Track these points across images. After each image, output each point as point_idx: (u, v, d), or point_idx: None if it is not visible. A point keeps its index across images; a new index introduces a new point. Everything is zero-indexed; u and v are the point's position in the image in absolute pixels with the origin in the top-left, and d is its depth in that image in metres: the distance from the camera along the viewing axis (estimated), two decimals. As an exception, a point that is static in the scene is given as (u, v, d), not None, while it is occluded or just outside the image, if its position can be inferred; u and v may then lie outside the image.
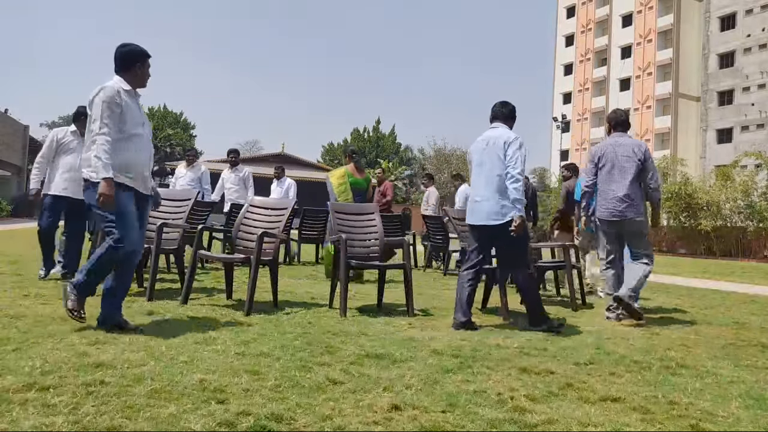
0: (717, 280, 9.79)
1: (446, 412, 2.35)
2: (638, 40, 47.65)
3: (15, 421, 2.02)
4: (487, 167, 4.37)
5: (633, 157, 4.96)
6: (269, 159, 36.02)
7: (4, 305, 4.17)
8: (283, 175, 10.26)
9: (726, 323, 5.04)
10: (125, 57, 3.76)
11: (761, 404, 2.67)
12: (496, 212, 4.28)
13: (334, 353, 3.25)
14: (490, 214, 4.31)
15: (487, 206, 4.32)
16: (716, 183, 19.72)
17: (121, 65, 3.77)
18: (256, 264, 4.49)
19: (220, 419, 2.13)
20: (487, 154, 4.38)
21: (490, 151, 4.37)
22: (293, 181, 10.22)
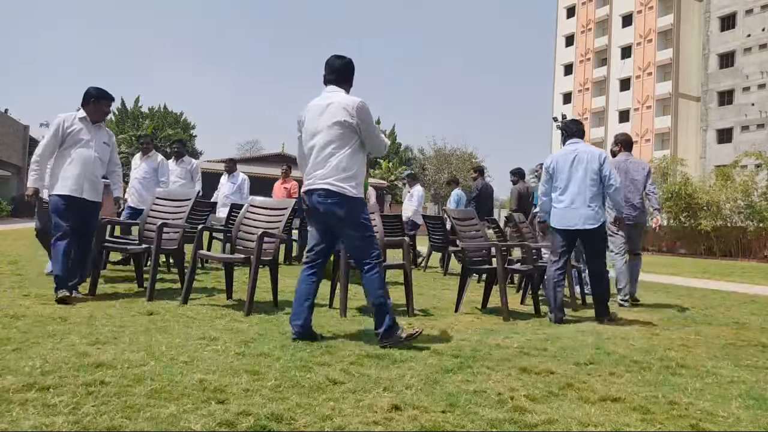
0: (717, 280, 9.79)
1: (446, 412, 2.35)
2: (638, 40, 47.64)
3: (15, 421, 2.02)
4: (579, 177, 4.85)
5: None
6: (269, 159, 35.99)
7: (4, 305, 4.17)
8: (234, 170, 9.62)
9: (726, 323, 5.04)
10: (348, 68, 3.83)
11: (761, 404, 2.67)
12: (592, 217, 4.80)
13: (334, 353, 3.25)
14: (587, 219, 4.80)
15: (585, 212, 4.82)
16: (716, 183, 19.70)
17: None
18: (256, 264, 4.49)
19: (220, 419, 2.13)
20: (580, 167, 4.88)
21: (583, 164, 4.87)
22: (246, 176, 9.69)
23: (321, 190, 3.52)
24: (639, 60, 47.44)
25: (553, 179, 5.03)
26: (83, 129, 4.86)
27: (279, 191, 10.02)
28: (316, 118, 3.61)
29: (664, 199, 19.65)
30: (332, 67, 3.76)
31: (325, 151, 3.55)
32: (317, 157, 3.57)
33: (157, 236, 4.95)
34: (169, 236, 5.30)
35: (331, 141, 3.54)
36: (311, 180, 3.59)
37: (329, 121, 3.55)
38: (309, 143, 3.63)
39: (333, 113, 3.55)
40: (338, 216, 3.52)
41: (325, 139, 3.55)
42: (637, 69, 47.44)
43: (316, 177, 3.56)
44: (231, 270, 5.24)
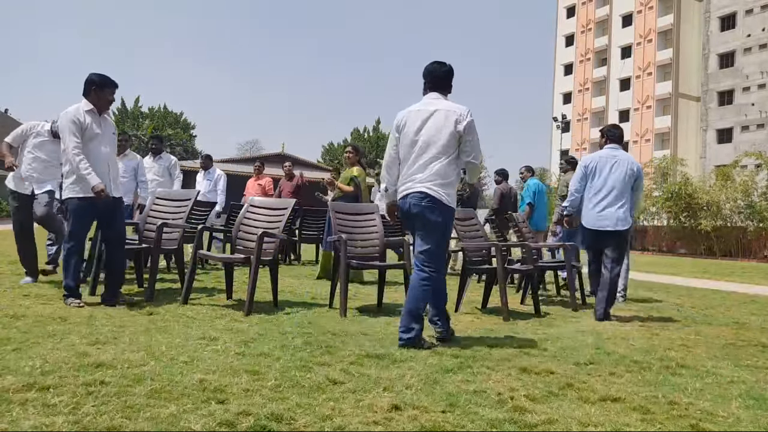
0: (717, 280, 9.79)
1: (446, 412, 2.35)
2: (638, 40, 47.63)
3: (15, 421, 2.02)
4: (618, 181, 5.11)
5: None
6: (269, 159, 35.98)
7: (4, 305, 4.17)
8: (210, 165, 9.32)
9: (726, 323, 5.04)
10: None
11: (761, 404, 2.67)
12: (624, 219, 5.08)
13: (334, 353, 3.25)
14: (619, 221, 5.08)
15: (618, 214, 5.07)
16: (716, 183, 19.70)
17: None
18: (256, 264, 4.49)
19: (220, 419, 2.13)
20: (618, 171, 5.12)
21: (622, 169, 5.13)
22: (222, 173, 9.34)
23: (418, 193, 3.56)
24: (639, 60, 47.43)
25: (590, 179, 5.22)
26: (92, 122, 4.46)
27: (253, 188, 9.85)
28: (419, 124, 3.64)
29: (664, 199, 19.65)
30: (434, 75, 3.80)
31: (426, 157, 3.59)
32: (416, 162, 3.61)
33: (157, 236, 4.95)
34: (169, 236, 5.30)
35: (434, 147, 3.58)
36: (409, 184, 3.63)
37: (435, 127, 3.60)
38: (409, 148, 3.65)
39: (440, 120, 3.60)
40: (428, 219, 3.55)
41: (429, 144, 3.60)
42: (637, 69, 47.43)
43: (415, 181, 3.60)
44: (231, 270, 5.24)
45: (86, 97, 4.51)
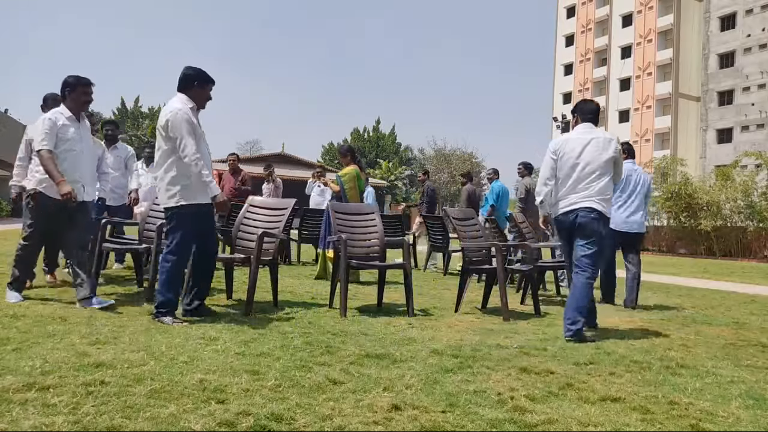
0: (717, 280, 9.79)
1: (446, 412, 2.35)
2: (638, 40, 47.63)
3: (15, 421, 2.02)
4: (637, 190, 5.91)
5: None
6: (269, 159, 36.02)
7: (4, 305, 4.17)
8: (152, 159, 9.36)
9: (726, 323, 5.04)
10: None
11: (761, 404, 2.67)
12: (642, 224, 6.02)
13: (334, 353, 3.25)
14: (641, 225, 6.00)
15: (640, 219, 5.97)
16: (716, 183, 19.69)
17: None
18: (256, 264, 4.49)
19: (220, 419, 2.13)
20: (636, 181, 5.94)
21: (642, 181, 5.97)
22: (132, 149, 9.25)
23: (587, 208, 4.21)
24: (639, 60, 47.43)
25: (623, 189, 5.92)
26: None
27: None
28: (579, 149, 4.30)
29: (664, 199, 19.65)
30: (584, 110, 4.51)
31: (591, 177, 4.25)
32: (581, 182, 4.26)
33: (157, 236, 4.95)
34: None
35: (598, 170, 4.25)
36: (573, 198, 4.28)
37: (596, 153, 4.27)
38: (570, 170, 4.31)
39: (599, 146, 4.29)
40: (595, 229, 4.21)
41: (592, 167, 4.25)
42: (637, 69, 47.42)
43: (580, 197, 4.25)
44: (231, 270, 5.24)
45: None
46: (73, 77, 4.53)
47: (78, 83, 4.49)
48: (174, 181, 4.02)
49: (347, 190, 7.38)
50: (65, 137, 4.39)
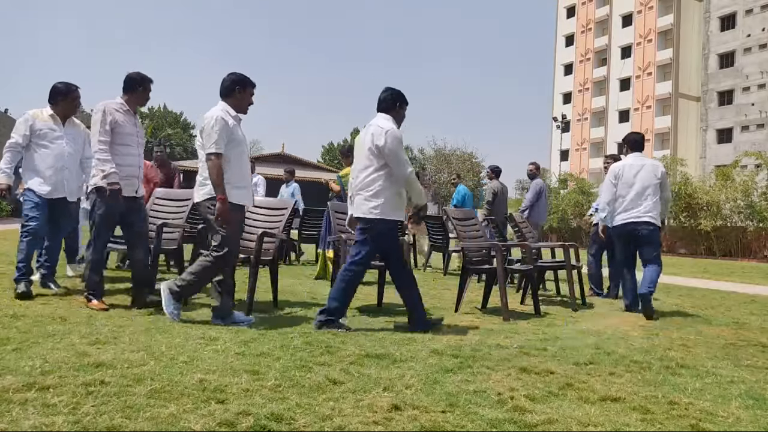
0: (717, 280, 9.79)
1: (446, 412, 2.35)
2: (638, 40, 47.65)
3: (15, 421, 2.02)
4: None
5: None
6: (269, 159, 36.02)
7: (4, 305, 4.17)
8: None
9: (726, 323, 5.04)
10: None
11: (761, 404, 2.67)
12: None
13: (334, 353, 3.25)
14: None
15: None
16: (716, 183, 19.69)
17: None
18: (256, 264, 4.49)
19: (220, 419, 2.13)
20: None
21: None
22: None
23: (646, 222, 5.45)
24: (639, 60, 47.45)
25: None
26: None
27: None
28: (635, 172, 5.55)
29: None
30: (635, 141, 5.79)
31: (644, 196, 5.49)
32: (639, 200, 5.49)
33: (157, 236, 4.95)
34: (169, 236, 5.30)
35: (650, 190, 5.50)
36: (635, 213, 5.48)
37: (647, 177, 5.52)
38: (627, 188, 5.54)
39: (650, 171, 5.55)
40: (652, 238, 5.47)
41: (644, 187, 5.50)
42: (637, 69, 47.44)
43: (639, 212, 5.47)
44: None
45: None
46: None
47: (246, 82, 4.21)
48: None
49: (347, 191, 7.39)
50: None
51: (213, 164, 3.84)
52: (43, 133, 4.79)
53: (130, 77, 4.46)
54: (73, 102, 4.93)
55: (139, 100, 4.54)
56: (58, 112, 4.86)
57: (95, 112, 4.35)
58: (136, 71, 4.51)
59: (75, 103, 4.96)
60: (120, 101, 4.44)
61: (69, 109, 4.93)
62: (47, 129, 4.81)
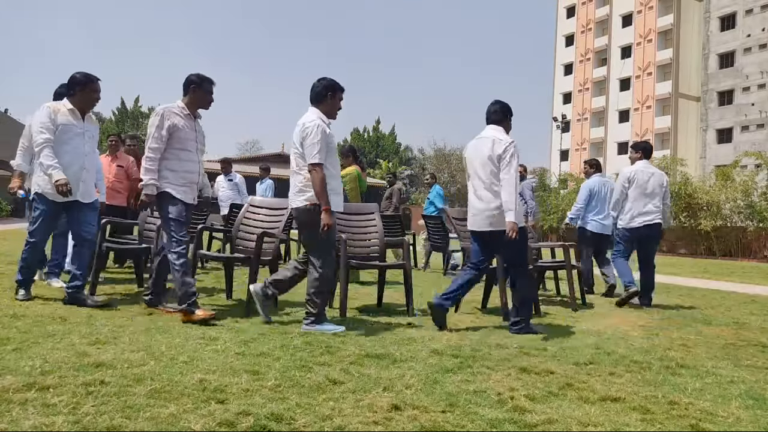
0: (717, 280, 9.79)
1: (446, 412, 2.35)
2: (638, 40, 47.63)
3: (15, 421, 2.02)
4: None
5: None
6: (269, 159, 36.02)
7: (4, 305, 4.17)
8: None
9: (726, 323, 5.04)
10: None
11: (761, 404, 2.67)
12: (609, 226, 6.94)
13: (334, 353, 3.25)
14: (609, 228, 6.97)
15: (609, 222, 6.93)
16: (716, 183, 19.69)
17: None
18: (256, 264, 4.49)
19: (220, 419, 2.13)
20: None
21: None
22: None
23: (657, 223, 6.00)
24: (639, 60, 47.43)
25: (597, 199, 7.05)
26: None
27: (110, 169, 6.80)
28: (646, 178, 6.06)
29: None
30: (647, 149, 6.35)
31: (655, 200, 6.02)
32: (651, 204, 6.01)
33: (157, 236, 4.94)
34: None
35: (657, 194, 6.04)
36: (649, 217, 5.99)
37: (657, 183, 6.06)
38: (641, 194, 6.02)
39: (659, 180, 6.10)
40: (659, 238, 6.14)
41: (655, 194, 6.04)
42: (637, 69, 47.42)
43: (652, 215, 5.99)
44: (231, 270, 5.24)
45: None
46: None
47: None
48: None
49: (348, 191, 7.39)
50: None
51: (317, 174, 3.89)
52: (63, 129, 4.38)
53: (189, 79, 4.23)
54: (92, 95, 4.51)
55: (201, 102, 4.28)
56: (75, 105, 4.46)
57: (153, 116, 4.15)
58: (195, 73, 4.26)
59: (94, 96, 4.53)
60: (180, 105, 4.21)
61: (87, 103, 4.53)
62: (68, 124, 4.41)
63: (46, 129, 4.29)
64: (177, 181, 4.14)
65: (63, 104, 4.45)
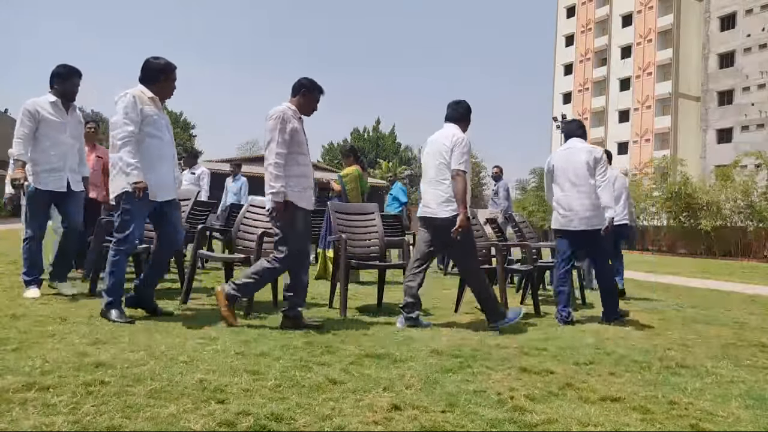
0: (717, 280, 9.79)
1: (446, 412, 2.35)
2: (638, 40, 47.62)
3: (15, 421, 2.02)
4: None
5: None
6: (269, 159, 35.86)
7: (4, 305, 4.17)
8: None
9: (726, 323, 5.04)
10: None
11: (761, 404, 2.67)
12: None
13: (334, 353, 3.25)
14: None
15: None
16: (716, 183, 19.69)
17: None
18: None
19: (220, 419, 2.13)
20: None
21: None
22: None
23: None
24: (639, 60, 47.42)
25: None
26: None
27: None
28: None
29: (663, 199, 19.64)
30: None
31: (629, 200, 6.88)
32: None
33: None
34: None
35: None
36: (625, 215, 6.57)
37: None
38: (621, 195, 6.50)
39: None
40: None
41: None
42: (637, 69, 47.41)
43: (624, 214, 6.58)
44: (231, 270, 5.24)
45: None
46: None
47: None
48: None
49: (349, 191, 7.40)
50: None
51: (463, 180, 4.15)
52: (150, 120, 3.95)
53: (301, 83, 4.11)
54: (173, 83, 4.16)
55: (311, 104, 4.18)
56: (156, 94, 4.06)
57: (271, 119, 3.89)
58: (305, 77, 4.14)
59: (173, 86, 4.18)
60: (293, 108, 4.03)
61: (168, 92, 4.17)
62: (155, 115, 3.99)
63: (131, 121, 3.85)
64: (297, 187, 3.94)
65: (143, 91, 4.00)
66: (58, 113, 4.70)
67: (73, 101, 4.83)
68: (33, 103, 4.63)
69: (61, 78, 4.70)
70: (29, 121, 4.60)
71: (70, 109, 4.80)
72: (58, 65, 4.74)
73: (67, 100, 4.77)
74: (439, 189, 4.25)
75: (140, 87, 4.02)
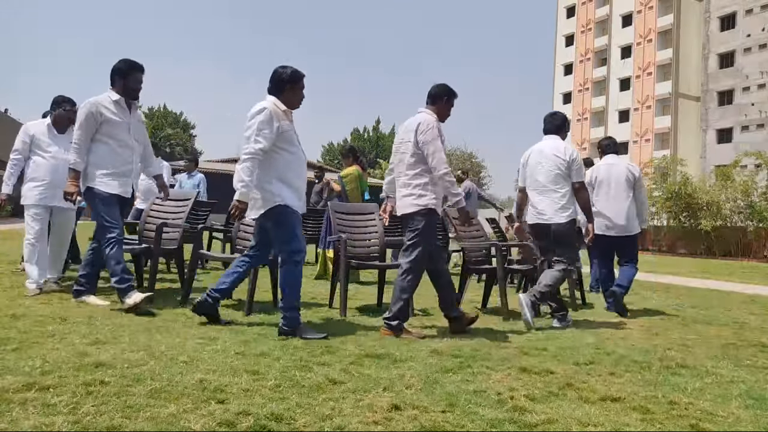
0: (717, 280, 9.78)
1: (446, 412, 2.35)
2: (638, 40, 47.62)
3: (15, 421, 2.02)
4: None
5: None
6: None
7: (4, 305, 4.17)
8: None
9: (726, 323, 5.04)
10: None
11: (761, 404, 2.67)
12: None
13: (334, 353, 3.25)
14: None
15: None
16: (716, 183, 19.68)
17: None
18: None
19: (220, 419, 2.13)
20: None
21: None
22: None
23: None
24: (639, 60, 47.41)
25: None
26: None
27: None
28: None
29: (664, 198, 19.63)
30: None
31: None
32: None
33: (157, 236, 4.95)
34: (169, 236, 5.29)
35: None
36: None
37: None
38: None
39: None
40: None
41: None
42: (637, 69, 47.41)
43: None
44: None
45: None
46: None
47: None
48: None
49: (349, 191, 7.40)
50: None
51: (587, 192, 4.76)
52: (286, 135, 3.83)
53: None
54: (300, 92, 3.97)
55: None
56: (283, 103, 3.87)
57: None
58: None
59: (301, 95, 4.00)
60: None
61: (294, 102, 3.96)
62: (290, 131, 3.87)
63: (265, 138, 3.69)
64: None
65: (276, 104, 3.83)
66: (121, 113, 4.37)
67: (136, 99, 4.49)
68: (95, 103, 4.27)
69: (122, 74, 4.34)
70: (90, 125, 4.25)
71: (132, 108, 4.47)
72: (119, 60, 4.39)
73: (130, 98, 4.42)
74: (553, 197, 4.65)
75: (272, 99, 3.84)
